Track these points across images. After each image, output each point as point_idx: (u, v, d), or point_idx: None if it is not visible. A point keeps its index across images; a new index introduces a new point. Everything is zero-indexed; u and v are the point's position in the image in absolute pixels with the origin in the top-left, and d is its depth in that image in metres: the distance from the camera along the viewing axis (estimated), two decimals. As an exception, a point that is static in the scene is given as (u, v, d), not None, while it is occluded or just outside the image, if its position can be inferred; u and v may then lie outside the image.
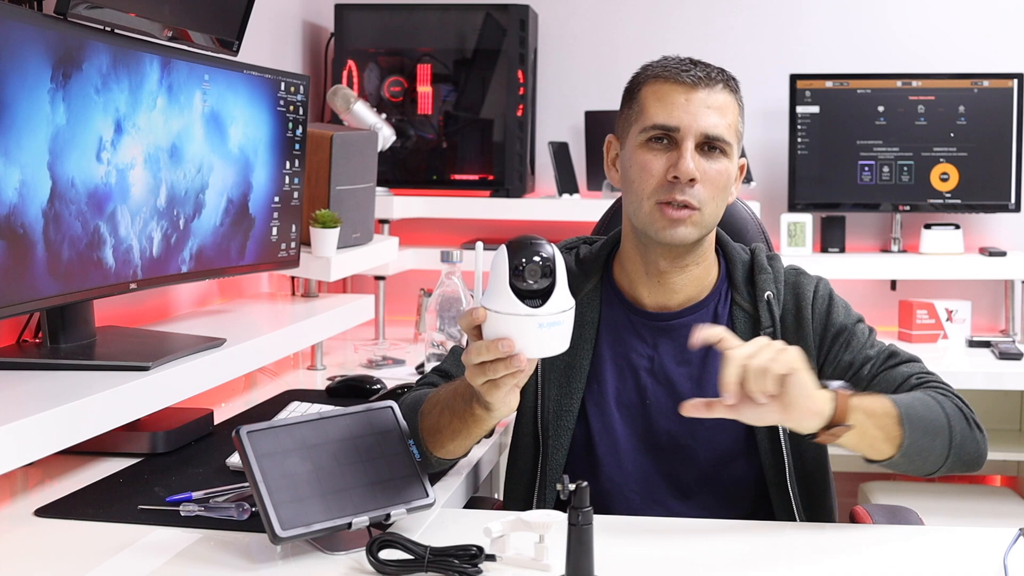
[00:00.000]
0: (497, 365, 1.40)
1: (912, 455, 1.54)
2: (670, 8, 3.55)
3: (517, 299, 1.38)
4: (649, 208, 1.66)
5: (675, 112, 1.65)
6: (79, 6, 1.67)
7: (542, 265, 1.38)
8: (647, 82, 1.69)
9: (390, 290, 3.32)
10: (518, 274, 1.38)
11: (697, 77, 1.66)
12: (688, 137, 1.64)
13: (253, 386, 2.50)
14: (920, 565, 1.46)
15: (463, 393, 1.52)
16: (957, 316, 3.33)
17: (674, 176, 1.64)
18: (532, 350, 1.40)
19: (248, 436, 1.38)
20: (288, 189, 2.31)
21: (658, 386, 1.72)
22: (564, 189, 3.38)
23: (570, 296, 1.41)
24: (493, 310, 1.39)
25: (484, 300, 1.41)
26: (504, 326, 1.38)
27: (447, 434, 1.56)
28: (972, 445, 1.60)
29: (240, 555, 1.41)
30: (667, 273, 1.72)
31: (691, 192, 1.64)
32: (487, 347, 1.39)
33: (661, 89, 1.67)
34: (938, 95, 3.40)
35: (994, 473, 3.52)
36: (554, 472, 1.72)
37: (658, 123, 1.66)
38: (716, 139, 1.65)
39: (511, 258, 1.38)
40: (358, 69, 3.38)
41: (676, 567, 1.43)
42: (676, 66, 1.68)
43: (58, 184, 1.64)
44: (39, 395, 1.57)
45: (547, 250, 1.39)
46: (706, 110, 1.65)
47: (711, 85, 1.66)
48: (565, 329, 1.41)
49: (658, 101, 1.67)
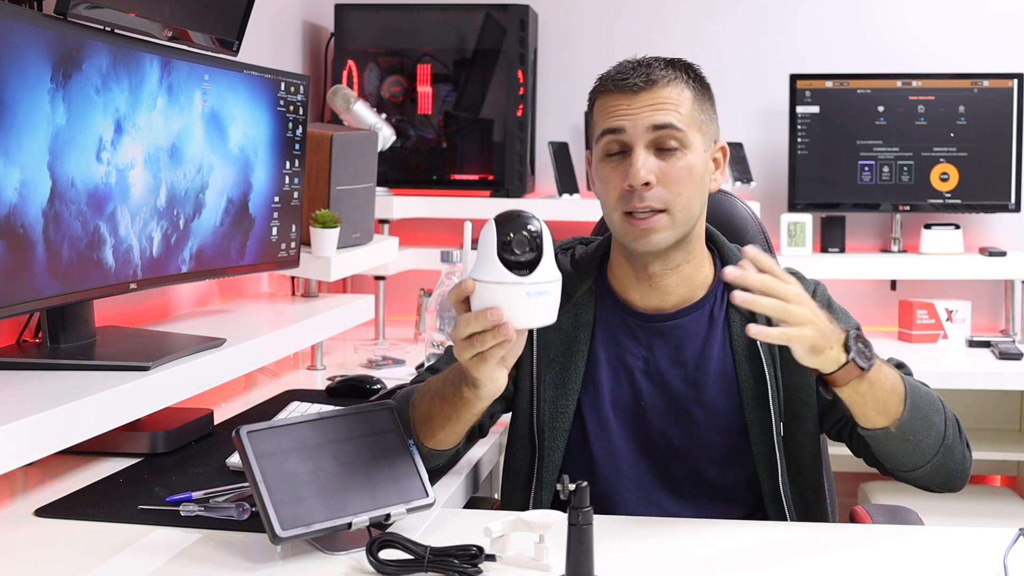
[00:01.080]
0: (485, 336, 1.41)
1: (907, 431, 1.53)
2: (670, 8, 3.55)
3: (503, 267, 1.40)
4: (619, 219, 1.68)
5: (619, 117, 1.66)
6: (79, 6, 1.67)
7: (530, 238, 1.41)
8: (597, 98, 1.71)
9: (390, 290, 3.32)
10: (506, 246, 1.41)
11: (637, 84, 1.65)
12: (637, 140, 1.64)
13: (253, 386, 2.50)
14: (920, 565, 1.46)
15: (452, 379, 1.54)
16: (957, 316, 3.33)
17: (628, 184, 1.64)
18: (520, 319, 1.42)
19: (248, 436, 1.38)
20: (288, 189, 2.31)
21: (653, 387, 1.73)
22: (564, 189, 3.38)
23: (557, 269, 1.44)
24: (481, 280, 1.41)
25: (472, 272, 1.44)
26: (492, 295, 1.41)
27: (438, 421, 1.58)
28: (959, 455, 1.61)
29: (240, 555, 1.41)
30: (657, 276, 1.72)
31: (650, 196, 1.64)
32: (476, 317, 1.41)
33: (607, 99, 1.68)
34: (938, 95, 3.40)
35: (994, 473, 3.52)
36: (550, 473, 1.73)
37: (606, 128, 1.67)
38: (664, 127, 1.64)
39: (499, 231, 1.42)
40: (358, 69, 3.38)
41: (676, 567, 1.43)
42: (619, 76, 1.68)
43: (58, 184, 1.64)
44: (39, 395, 1.57)
45: (535, 223, 1.43)
46: (650, 109, 1.65)
47: (652, 88, 1.65)
48: (552, 300, 1.43)
49: (605, 111, 1.68)
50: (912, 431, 1.54)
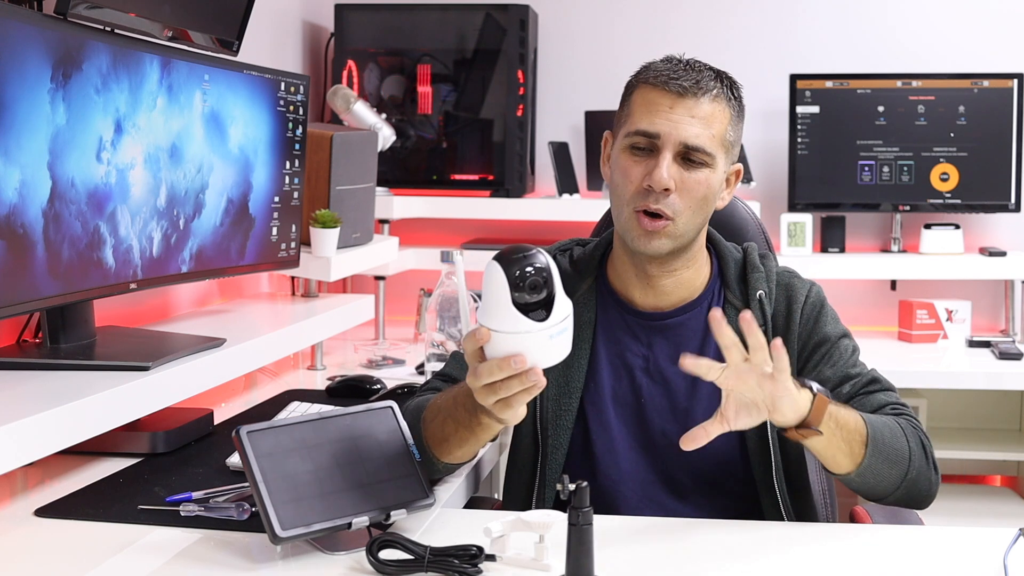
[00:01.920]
0: (511, 382, 1.37)
1: (867, 476, 1.56)
2: (670, 8, 3.55)
3: (522, 315, 1.34)
4: (628, 214, 1.68)
5: (657, 120, 1.64)
6: (79, 6, 1.67)
7: (541, 276, 1.35)
8: (639, 86, 1.69)
9: (390, 290, 3.32)
10: (519, 289, 1.34)
11: (683, 87, 1.64)
12: (667, 146, 1.64)
13: (253, 386, 2.50)
14: (920, 565, 1.46)
15: (464, 403, 1.50)
16: (957, 316, 3.33)
17: (648, 185, 1.64)
18: (544, 361, 1.37)
19: (248, 436, 1.38)
20: (288, 189, 2.31)
21: (653, 385, 1.73)
22: (564, 189, 3.38)
23: (567, 298, 1.39)
24: (500, 331, 1.35)
25: (485, 320, 1.36)
26: (513, 344, 1.34)
27: (454, 442, 1.56)
28: (925, 483, 1.61)
29: (240, 555, 1.41)
30: (656, 277, 1.73)
31: (665, 201, 1.64)
32: (499, 365, 1.36)
33: (649, 95, 1.67)
34: (938, 95, 3.40)
35: (994, 473, 3.52)
36: (554, 472, 1.73)
37: (639, 129, 1.66)
38: (696, 150, 1.64)
39: (508, 273, 1.34)
40: (358, 69, 3.38)
41: (676, 567, 1.43)
42: (668, 72, 1.66)
43: (58, 184, 1.64)
44: (39, 395, 1.57)
45: (540, 259, 1.36)
46: (689, 119, 1.64)
47: (698, 95, 1.65)
48: (570, 334, 1.39)
49: (644, 107, 1.66)
50: (873, 473, 1.56)
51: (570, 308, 1.39)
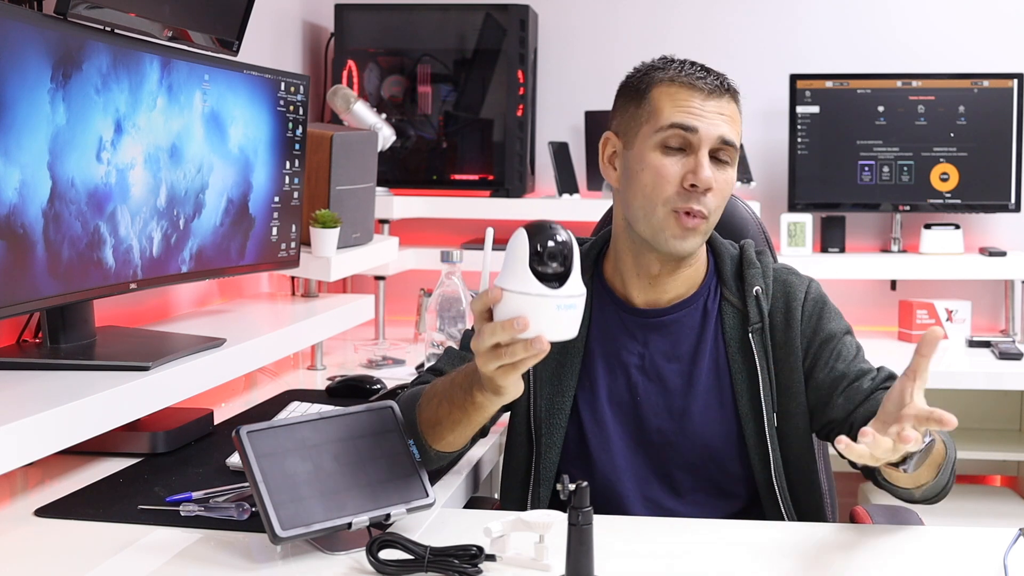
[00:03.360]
0: (515, 348, 1.37)
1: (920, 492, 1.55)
2: (670, 8, 3.55)
3: (535, 278, 1.37)
4: (664, 215, 1.65)
5: (692, 115, 1.64)
6: (79, 6, 1.67)
7: (561, 250, 1.38)
8: (659, 83, 1.68)
9: (390, 290, 3.32)
10: (538, 257, 1.37)
11: (713, 85, 1.66)
12: (705, 143, 1.64)
13: (253, 386, 2.50)
14: (920, 565, 1.46)
15: (461, 383, 1.52)
16: (957, 316, 3.33)
17: (692, 184, 1.63)
18: (548, 332, 1.38)
19: (248, 436, 1.38)
20: (288, 189, 2.31)
21: (649, 383, 1.73)
22: (564, 189, 3.38)
23: (583, 285, 1.40)
24: (511, 290, 1.37)
25: (500, 281, 1.39)
26: (522, 305, 1.37)
27: (447, 425, 1.55)
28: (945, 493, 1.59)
29: (240, 555, 1.41)
30: (660, 276, 1.73)
31: (705, 201, 1.64)
32: (502, 327, 1.37)
33: (677, 92, 1.66)
34: (938, 95, 3.40)
35: (994, 473, 3.52)
36: (547, 471, 1.73)
37: (676, 122, 1.64)
38: (730, 145, 1.65)
39: (531, 240, 1.37)
40: (358, 69, 3.38)
41: (677, 567, 1.43)
42: (690, 71, 1.67)
43: (58, 184, 1.64)
44: (39, 395, 1.57)
45: (564, 235, 1.39)
46: (720, 117, 1.65)
47: (721, 95, 1.66)
48: (578, 314, 1.40)
49: (674, 103, 1.65)
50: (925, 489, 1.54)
51: (583, 290, 1.40)
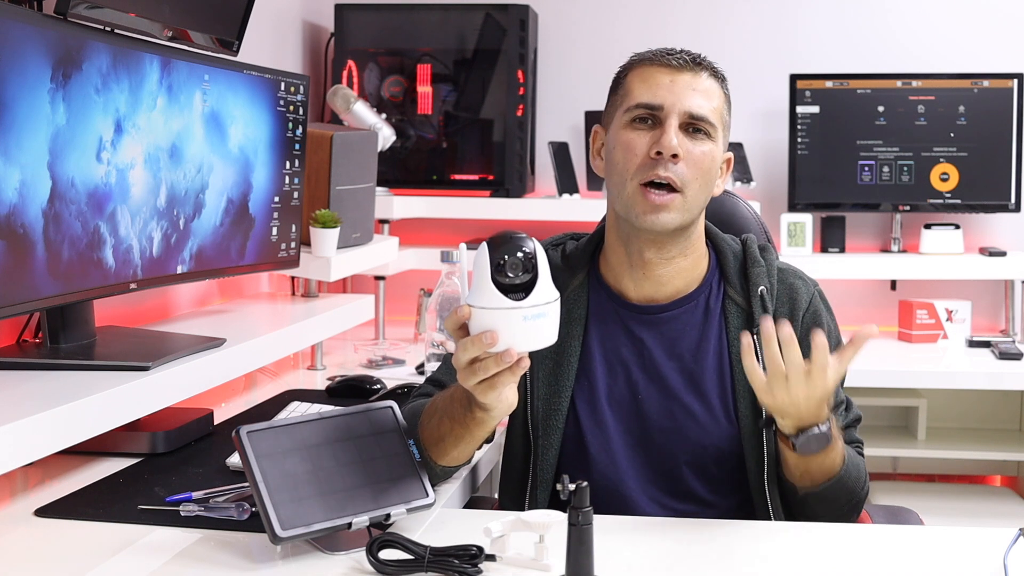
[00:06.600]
0: (487, 363, 1.39)
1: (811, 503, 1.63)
2: (670, 8, 3.55)
3: (500, 293, 1.37)
4: (632, 190, 1.65)
5: (659, 92, 1.65)
6: (79, 6, 1.67)
7: (524, 260, 1.38)
8: (632, 68, 1.71)
9: (390, 290, 3.32)
10: (499, 269, 1.38)
11: (683, 60, 1.67)
12: (672, 115, 1.64)
13: (253, 386, 2.50)
14: (920, 565, 1.46)
15: (460, 399, 1.51)
16: (957, 316, 3.33)
17: (657, 152, 1.63)
18: (519, 344, 1.39)
19: (248, 436, 1.38)
20: (288, 189, 2.31)
21: (649, 381, 1.72)
22: (564, 189, 3.38)
23: (554, 289, 1.41)
24: (477, 306, 1.39)
25: (468, 298, 1.41)
26: (489, 320, 1.38)
27: (450, 441, 1.55)
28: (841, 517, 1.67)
29: (240, 555, 1.41)
30: (652, 264, 1.71)
31: (674, 169, 1.63)
32: (472, 342, 1.38)
33: (646, 71, 1.68)
34: (938, 95, 3.40)
35: (994, 473, 3.52)
36: (546, 471, 1.72)
37: (642, 102, 1.65)
38: (700, 119, 1.65)
39: (492, 254, 1.38)
40: (358, 69, 3.38)
41: (677, 567, 1.43)
42: (662, 51, 1.69)
43: (58, 184, 1.64)
44: (39, 395, 1.57)
45: (528, 245, 1.39)
46: (691, 91, 1.65)
47: (696, 70, 1.67)
48: (551, 321, 1.40)
49: (643, 82, 1.67)
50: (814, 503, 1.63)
51: (554, 296, 1.40)
